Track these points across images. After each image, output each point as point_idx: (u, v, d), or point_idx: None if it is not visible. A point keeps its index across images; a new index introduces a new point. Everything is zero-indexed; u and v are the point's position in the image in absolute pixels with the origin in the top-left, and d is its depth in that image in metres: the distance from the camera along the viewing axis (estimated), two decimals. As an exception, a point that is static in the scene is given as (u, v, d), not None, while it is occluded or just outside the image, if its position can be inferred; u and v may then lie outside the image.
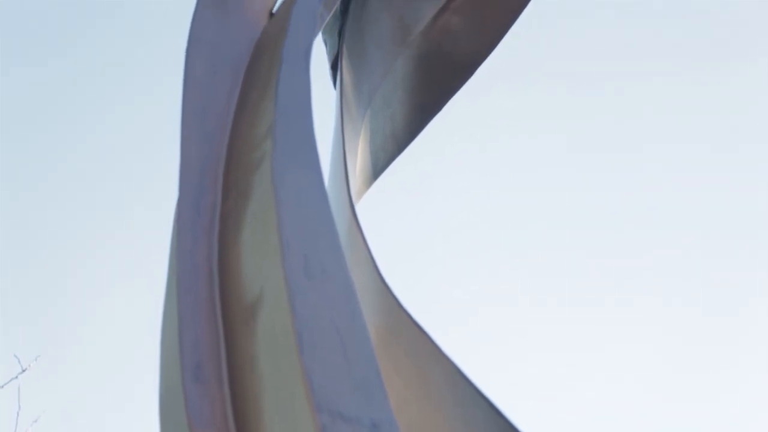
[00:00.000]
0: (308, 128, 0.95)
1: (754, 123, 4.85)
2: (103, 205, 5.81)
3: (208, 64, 1.08)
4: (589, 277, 5.05)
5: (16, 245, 5.66)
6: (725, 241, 5.01)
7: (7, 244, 5.45)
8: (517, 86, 4.74)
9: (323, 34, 1.75)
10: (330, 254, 0.82)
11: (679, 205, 4.98)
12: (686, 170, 5.02)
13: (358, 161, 1.73)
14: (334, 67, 1.72)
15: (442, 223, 5.11)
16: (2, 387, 5.10)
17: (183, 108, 0.99)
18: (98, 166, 5.83)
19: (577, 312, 4.98)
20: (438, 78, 1.78)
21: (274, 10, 1.25)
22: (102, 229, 5.80)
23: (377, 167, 1.80)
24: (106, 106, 5.85)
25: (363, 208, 1.71)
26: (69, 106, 5.94)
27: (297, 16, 1.11)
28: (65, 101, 5.91)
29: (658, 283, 5.02)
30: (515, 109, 4.87)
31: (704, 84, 4.96)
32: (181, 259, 0.85)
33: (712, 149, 4.96)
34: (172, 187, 0.92)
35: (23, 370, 5.13)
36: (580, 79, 4.94)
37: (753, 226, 4.90)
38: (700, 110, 4.94)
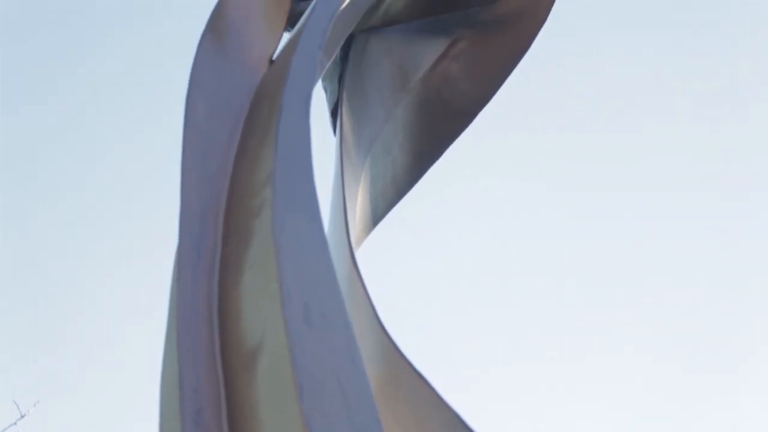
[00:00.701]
0: (308, 175, 0.95)
1: (757, 171, 4.85)
2: (103, 248, 5.80)
3: (208, 109, 1.08)
4: (592, 328, 5.03)
5: (15, 289, 5.65)
6: (723, 290, 5.00)
7: (5, 288, 5.44)
8: (520, 129, 4.75)
9: (323, 80, 1.76)
10: (330, 302, 0.82)
11: (688, 254, 4.97)
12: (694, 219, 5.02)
13: (358, 208, 1.73)
14: (334, 113, 1.73)
15: (442, 269, 5.10)
16: (1, 433, 5.07)
17: (183, 151, 1.00)
18: (98, 207, 5.84)
19: (579, 364, 4.96)
20: (438, 125, 1.79)
21: (274, 57, 1.26)
22: (102, 273, 5.79)
23: (377, 214, 1.80)
24: (97, 151, 5.86)
25: (363, 255, 1.71)
26: (51, 154, 5.95)
27: (297, 63, 1.12)
28: (48, 148, 5.92)
29: (654, 332, 5.01)
30: (517, 152, 4.87)
31: (706, 129, 4.97)
32: (182, 302, 0.85)
33: (718, 196, 4.96)
34: (172, 229, 0.92)
35: (22, 416, 5.10)
36: (585, 123, 4.95)
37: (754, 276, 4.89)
38: (704, 157, 4.94)
